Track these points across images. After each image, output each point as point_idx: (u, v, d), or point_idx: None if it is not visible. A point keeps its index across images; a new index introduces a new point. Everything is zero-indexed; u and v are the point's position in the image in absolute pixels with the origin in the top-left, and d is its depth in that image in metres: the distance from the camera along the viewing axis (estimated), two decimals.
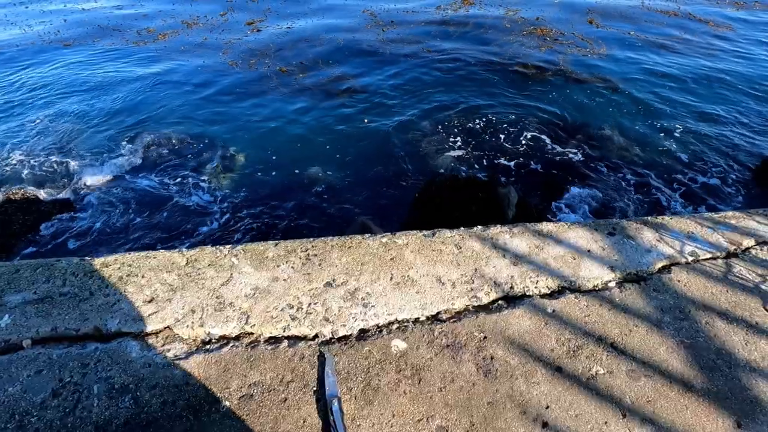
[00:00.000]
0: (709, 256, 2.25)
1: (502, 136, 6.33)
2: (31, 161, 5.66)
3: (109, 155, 5.77)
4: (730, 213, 2.56)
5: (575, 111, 6.90)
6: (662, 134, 6.32)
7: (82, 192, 5.17)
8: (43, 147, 5.94)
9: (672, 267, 2.19)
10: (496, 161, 5.85)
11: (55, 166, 5.57)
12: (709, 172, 5.64)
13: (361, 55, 8.64)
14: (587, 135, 6.36)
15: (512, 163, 5.81)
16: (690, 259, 2.23)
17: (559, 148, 6.10)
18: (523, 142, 6.19)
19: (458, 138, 6.25)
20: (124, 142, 6.03)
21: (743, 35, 9.91)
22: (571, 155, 5.93)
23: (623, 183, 5.49)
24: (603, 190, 5.39)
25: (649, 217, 2.51)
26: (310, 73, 7.97)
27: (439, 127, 6.50)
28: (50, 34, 9.81)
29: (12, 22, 10.83)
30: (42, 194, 5.11)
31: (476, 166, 5.75)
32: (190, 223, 4.78)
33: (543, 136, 6.33)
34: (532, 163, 5.80)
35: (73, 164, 5.59)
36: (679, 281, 2.11)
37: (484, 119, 6.67)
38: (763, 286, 2.09)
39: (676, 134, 6.33)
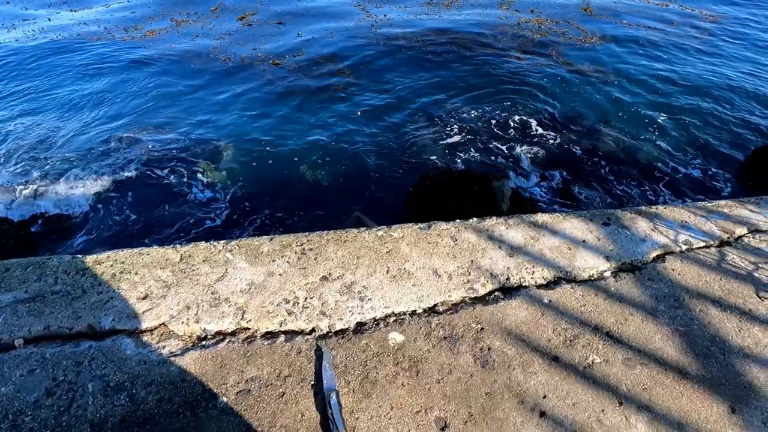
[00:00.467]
0: (702, 244, 2.27)
1: (494, 123, 6.32)
2: (18, 161, 5.56)
3: (98, 153, 5.68)
4: (722, 202, 2.59)
5: (567, 99, 6.91)
6: (652, 124, 6.35)
7: (71, 191, 5.10)
8: (29, 147, 5.83)
9: (666, 256, 2.20)
10: (488, 151, 5.85)
11: (43, 165, 5.48)
12: (699, 163, 5.68)
13: (354, 47, 8.56)
14: (578, 123, 6.38)
15: (504, 152, 5.82)
16: (684, 247, 2.25)
17: (550, 137, 6.11)
18: (516, 130, 6.19)
19: (452, 127, 6.24)
20: (114, 139, 5.94)
21: (734, 24, 9.96)
22: (562, 144, 5.95)
23: (613, 172, 5.51)
24: (594, 180, 5.41)
25: (643, 207, 2.52)
26: (302, 65, 7.89)
27: (434, 116, 6.48)
28: (35, 32, 9.60)
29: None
30: (31, 194, 5.03)
31: (470, 156, 5.75)
32: (183, 218, 4.73)
33: (536, 126, 6.34)
34: (524, 152, 5.81)
35: (61, 163, 5.51)
36: (673, 270, 2.13)
37: (477, 107, 6.66)
38: (755, 274, 2.11)
39: (666, 124, 6.37)
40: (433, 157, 5.73)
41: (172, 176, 5.31)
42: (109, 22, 10.29)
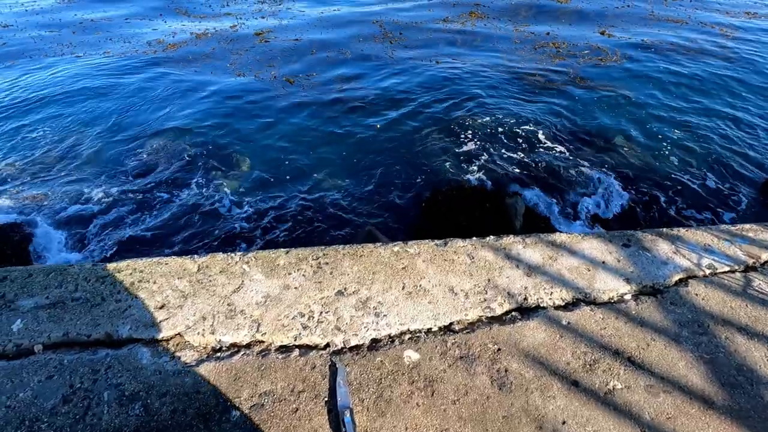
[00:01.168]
0: (727, 269, 2.21)
1: (508, 139, 6.33)
2: (38, 167, 5.73)
3: (116, 162, 5.82)
4: (747, 226, 2.52)
5: (585, 118, 6.88)
6: (670, 141, 6.29)
7: (88, 198, 5.21)
8: (50, 154, 6.01)
9: (689, 280, 2.15)
10: (502, 166, 5.84)
11: (64, 173, 5.63)
12: (717, 182, 5.58)
13: (370, 64, 8.71)
14: (595, 142, 6.34)
15: (518, 168, 5.80)
16: (707, 272, 2.19)
17: (566, 153, 6.08)
18: (531, 149, 6.18)
19: (465, 142, 6.26)
20: (132, 149, 6.08)
21: (754, 41, 9.89)
22: (577, 160, 5.91)
23: (629, 189, 5.44)
24: (609, 197, 5.35)
25: (664, 229, 2.47)
26: (316, 81, 8.03)
27: (447, 131, 6.52)
28: (62, 46, 9.99)
29: (21, 29, 11.05)
30: (51, 199, 5.16)
31: (483, 170, 5.74)
32: (198, 229, 4.79)
33: (550, 141, 6.32)
34: (538, 170, 5.78)
35: (81, 171, 5.66)
36: (696, 294, 2.07)
37: (490, 123, 6.68)
38: None
39: (684, 141, 6.29)
40: (447, 169, 5.73)
41: (190, 186, 5.40)
42: (133, 34, 10.66)
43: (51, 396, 1.59)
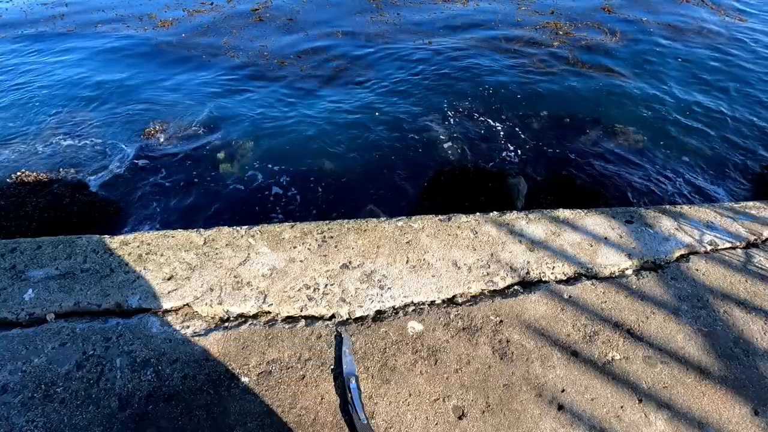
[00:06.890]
0: (728, 245, 2.23)
1: (511, 123, 6.27)
2: (38, 145, 5.72)
3: (113, 140, 5.80)
4: (750, 203, 2.53)
5: (583, 103, 6.79)
6: (671, 126, 6.22)
7: (91, 175, 5.22)
8: (48, 132, 5.99)
9: (690, 256, 2.17)
10: (504, 149, 5.80)
11: (64, 150, 5.62)
12: (719, 168, 5.54)
13: (364, 47, 8.52)
14: (594, 127, 6.27)
15: (520, 150, 5.76)
16: (709, 248, 2.21)
17: (568, 136, 6.03)
18: (533, 130, 6.12)
19: (467, 125, 6.20)
20: (128, 129, 6.05)
21: (760, 23, 9.65)
22: (577, 143, 5.88)
23: (632, 171, 5.42)
24: (612, 179, 5.33)
25: (667, 206, 2.48)
26: (310, 64, 7.88)
27: (448, 115, 6.45)
28: (55, 18, 9.81)
29: (15, 6, 10.84)
30: (54, 177, 5.16)
31: (484, 153, 5.71)
32: (201, 206, 4.81)
33: (554, 125, 6.26)
34: (538, 154, 5.75)
35: (80, 148, 5.65)
36: (697, 270, 2.10)
37: (491, 108, 6.60)
38: None
39: (688, 123, 6.23)
40: (448, 150, 5.71)
41: (192, 164, 5.40)
42: (125, 10, 10.44)
43: (65, 362, 1.64)
